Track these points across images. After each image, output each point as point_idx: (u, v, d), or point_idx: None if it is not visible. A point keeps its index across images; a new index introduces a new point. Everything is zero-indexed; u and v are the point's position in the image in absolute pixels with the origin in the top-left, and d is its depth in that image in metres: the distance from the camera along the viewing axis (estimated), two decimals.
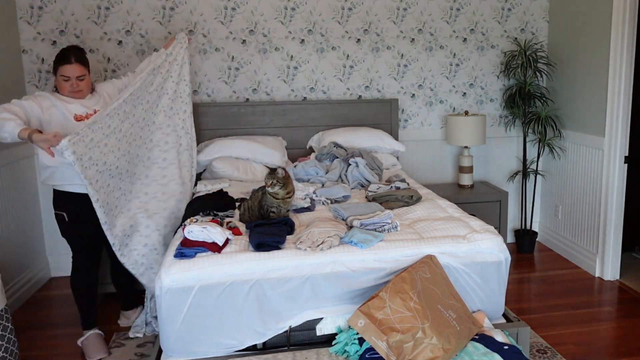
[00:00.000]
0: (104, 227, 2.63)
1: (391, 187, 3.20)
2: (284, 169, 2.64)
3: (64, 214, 2.72)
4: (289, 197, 2.61)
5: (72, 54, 2.69)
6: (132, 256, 2.80)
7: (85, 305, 2.88)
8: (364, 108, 4.12)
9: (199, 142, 3.93)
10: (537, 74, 4.21)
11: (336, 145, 3.70)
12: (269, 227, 2.44)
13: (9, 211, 3.50)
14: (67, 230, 2.79)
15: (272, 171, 2.57)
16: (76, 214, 2.75)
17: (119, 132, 2.75)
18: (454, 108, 4.36)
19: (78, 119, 2.72)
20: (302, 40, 4.04)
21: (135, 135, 2.91)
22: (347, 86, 4.16)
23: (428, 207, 2.88)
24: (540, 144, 4.20)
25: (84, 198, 2.66)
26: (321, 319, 2.29)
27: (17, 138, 2.39)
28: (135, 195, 2.90)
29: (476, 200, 4.00)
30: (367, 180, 3.41)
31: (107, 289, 3.50)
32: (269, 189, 2.55)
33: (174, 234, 2.79)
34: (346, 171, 3.48)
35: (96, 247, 2.89)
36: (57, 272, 4.02)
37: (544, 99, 4.18)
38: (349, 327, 2.20)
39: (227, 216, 2.81)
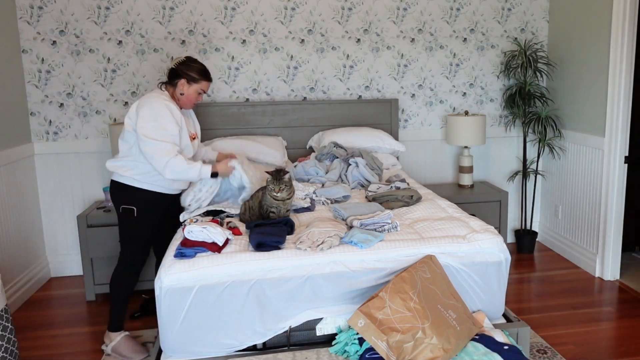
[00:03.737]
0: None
1: (391, 187, 3.20)
2: (283, 169, 2.65)
3: (134, 209, 2.75)
4: (289, 199, 2.62)
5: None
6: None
7: (122, 306, 2.84)
8: (364, 108, 4.12)
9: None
10: (537, 74, 4.21)
11: (336, 145, 3.70)
12: (269, 227, 2.44)
13: (9, 211, 3.50)
14: (132, 226, 2.79)
15: (277, 175, 2.57)
16: (145, 209, 2.78)
17: None
18: (454, 108, 4.36)
19: (192, 138, 2.85)
20: (302, 40, 4.04)
21: None
22: (347, 86, 4.16)
23: (428, 207, 2.88)
24: (540, 144, 4.19)
25: (155, 195, 2.78)
26: (321, 319, 2.29)
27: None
28: None
29: (476, 200, 4.00)
30: (367, 180, 3.41)
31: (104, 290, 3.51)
32: (278, 195, 2.55)
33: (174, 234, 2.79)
34: (346, 171, 3.48)
35: (150, 247, 2.92)
36: (57, 272, 4.02)
37: (544, 99, 4.18)
38: (349, 327, 2.20)
39: (228, 216, 2.81)
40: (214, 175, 2.76)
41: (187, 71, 2.76)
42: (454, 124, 4.08)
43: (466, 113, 4.14)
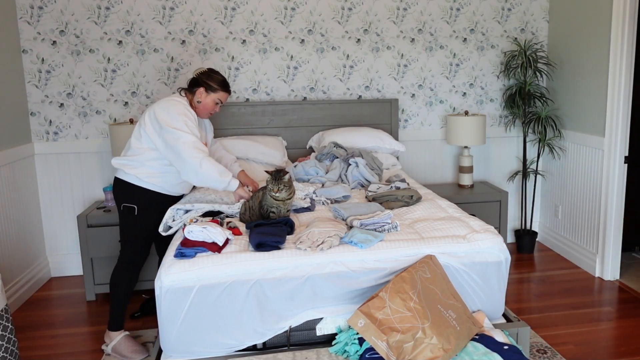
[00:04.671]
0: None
1: (391, 187, 3.20)
2: (283, 169, 2.65)
3: (135, 207, 2.77)
4: (289, 199, 2.62)
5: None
6: None
7: (122, 305, 2.84)
8: (364, 108, 4.12)
9: None
10: (537, 74, 4.21)
11: (336, 145, 3.70)
12: (269, 227, 2.44)
13: (9, 211, 3.50)
14: (132, 224, 2.80)
15: (277, 175, 2.57)
16: (146, 208, 2.79)
17: None
18: (454, 108, 4.36)
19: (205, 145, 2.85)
20: (302, 40, 4.04)
21: None
22: (347, 86, 4.16)
23: (428, 207, 2.88)
24: (540, 144, 4.20)
25: (157, 196, 2.80)
26: (321, 319, 2.29)
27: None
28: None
29: (476, 200, 4.00)
30: (367, 180, 3.41)
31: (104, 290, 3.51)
32: (277, 195, 2.56)
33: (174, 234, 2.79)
34: (346, 171, 3.48)
35: (150, 246, 2.92)
36: (57, 272, 4.02)
37: (544, 99, 4.18)
38: (349, 327, 2.20)
39: (227, 216, 2.81)
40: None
41: (207, 80, 2.82)
42: (454, 124, 4.08)
43: (466, 113, 4.14)
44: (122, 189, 2.80)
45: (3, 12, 3.53)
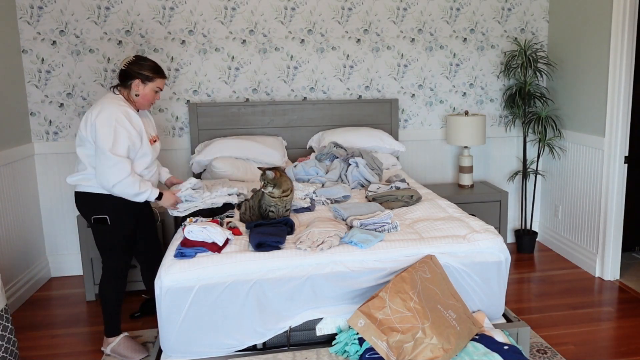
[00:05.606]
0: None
1: (391, 187, 3.20)
2: (278, 168, 2.65)
3: (107, 217, 2.67)
4: (286, 196, 2.61)
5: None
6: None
7: (115, 311, 2.80)
8: (364, 108, 4.12)
9: (199, 142, 3.93)
10: (537, 74, 4.21)
11: (336, 145, 3.70)
12: (269, 227, 2.44)
13: (9, 211, 3.50)
14: (108, 234, 2.71)
15: (263, 173, 2.59)
16: (118, 216, 2.70)
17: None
18: (454, 108, 4.36)
19: (152, 141, 2.76)
20: (302, 40, 4.04)
21: None
22: (347, 86, 4.16)
23: (428, 207, 2.88)
24: (540, 144, 4.19)
25: (123, 202, 2.66)
26: (321, 319, 2.29)
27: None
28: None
29: (476, 200, 3.99)
30: (367, 180, 3.41)
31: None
32: (264, 190, 2.58)
33: (174, 234, 2.79)
34: (346, 171, 3.48)
35: (132, 248, 2.85)
36: (57, 272, 4.02)
37: (544, 99, 4.18)
38: (349, 327, 2.20)
39: (227, 216, 2.81)
40: (158, 198, 2.67)
41: (140, 70, 2.63)
42: (454, 124, 4.08)
43: (466, 113, 4.14)
44: (87, 201, 2.69)
45: (3, 12, 3.53)
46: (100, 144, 2.51)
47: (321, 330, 2.29)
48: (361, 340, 2.11)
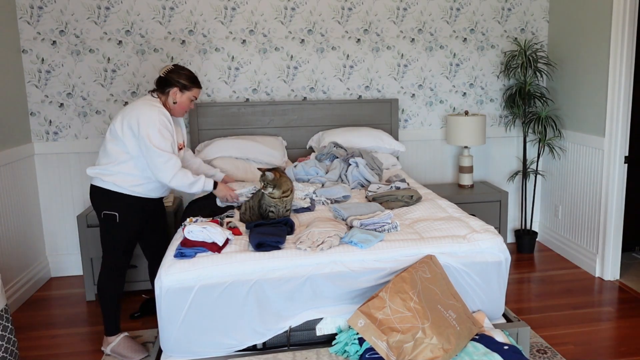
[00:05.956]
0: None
1: (391, 187, 3.20)
2: (277, 168, 2.65)
3: (116, 214, 2.72)
4: (286, 197, 2.61)
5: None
6: None
7: (114, 309, 2.82)
8: (364, 108, 4.12)
9: (199, 142, 3.93)
10: (537, 74, 4.21)
11: (336, 145, 3.70)
12: (269, 227, 2.44)
13: (9, 211, 3.50)
14: (114, 231, 2.75)
15: (263, 174, 2.59)
16: (127, 214, 2.75)
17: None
18: (454, 108, 4.36)
19: (179, 148, 2.85)
20: (302, 40, 4.04)
21: None
22: (347, 86, 4.16)
23: (428, 207, 2.88)
24: (540, 144, 4.19)
25: (137, 200, 2.75)
26: (321, 319, 2.29)
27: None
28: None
29: (476, 200, 4.00)
30: (367, 180, 3.41)
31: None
32: (264, 191, 2.58)
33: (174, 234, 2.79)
34: (346, 171, 3.48)
35: (132, 249, 2.88)
36: (57, 272, 4.02)
37: (544, 99, 4.18)
38: (349, 327, 2.20)
39: (227, 216, 2.81)
40: (213, 187, 2.84)
41: (178, 79, 2.74)
42: (454, 124, 4.08)
43: (466, 113, 4.14)
44: (101, 196, 2.73)
45: (3, 12, 3.53)
46: (151, 142, 2.60)
47: (321, 330, 2.29)
48: (361, 340, 2.11)
